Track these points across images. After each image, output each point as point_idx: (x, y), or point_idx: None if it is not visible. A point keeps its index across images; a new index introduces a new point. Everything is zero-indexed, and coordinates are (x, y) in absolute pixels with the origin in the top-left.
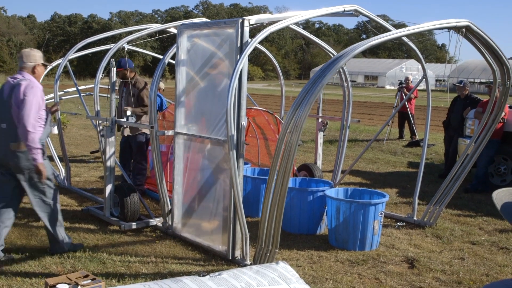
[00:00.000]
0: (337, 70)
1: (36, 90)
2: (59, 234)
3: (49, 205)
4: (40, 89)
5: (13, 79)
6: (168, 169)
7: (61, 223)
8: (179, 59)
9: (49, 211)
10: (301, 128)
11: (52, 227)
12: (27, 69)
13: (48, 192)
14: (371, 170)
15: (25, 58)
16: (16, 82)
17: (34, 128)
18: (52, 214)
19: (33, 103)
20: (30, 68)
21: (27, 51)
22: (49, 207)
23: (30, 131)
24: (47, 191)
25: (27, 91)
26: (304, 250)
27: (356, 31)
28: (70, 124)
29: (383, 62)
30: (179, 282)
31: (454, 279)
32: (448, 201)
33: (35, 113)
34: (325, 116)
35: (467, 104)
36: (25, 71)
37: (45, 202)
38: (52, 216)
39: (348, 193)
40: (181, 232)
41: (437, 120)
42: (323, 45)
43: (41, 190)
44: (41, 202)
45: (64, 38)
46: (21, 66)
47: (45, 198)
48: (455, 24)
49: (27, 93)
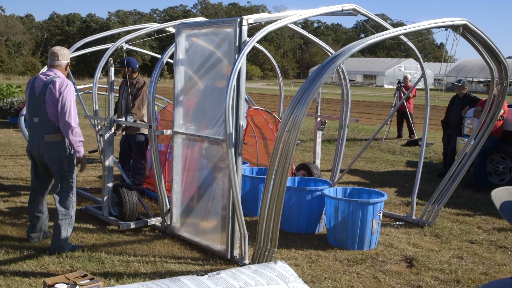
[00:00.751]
0: (334, 69)
1: (71, 87)
2: (65, 233)
3: (72, 202)
4: (72, 85)
5: (45, 76)
6: (166, 169)
7: (73, 223)
8: (177, 59)
9: (69, 207)
10: (299, 127)
11: (64, 224)
12: (60, 67)
13: (73, 188)
14: (369, 169)
15: (61, 57)
16: (49, 79)
17: (76, 123)
18: (70, 211)
19: (72, 99)
20: (64, 66)
21: (59, 49)
22: (71, 203)
23: (73, 126)
24: (74, 187)
25: (62, 89)
26: (302, 249)
27: (354, 30)
28: None
29: (382, 61)
30: (177, 281)
31: (453, 278)
32: (447, 200)
33: (74, 108)
34: (324, 115)
35: (466, 103)
36: (58, 68)
37: (69, 198)
38: (69, 214)
39: (347, 192)
40: (180, 232)
41: (435, 119)
42: (322, 44)
43: (69, 183)
44: (65, 196)
45: (63, 37)
46: (53, 64)
47: (70, 194)
48: (453, 22)
49: (63, 90)
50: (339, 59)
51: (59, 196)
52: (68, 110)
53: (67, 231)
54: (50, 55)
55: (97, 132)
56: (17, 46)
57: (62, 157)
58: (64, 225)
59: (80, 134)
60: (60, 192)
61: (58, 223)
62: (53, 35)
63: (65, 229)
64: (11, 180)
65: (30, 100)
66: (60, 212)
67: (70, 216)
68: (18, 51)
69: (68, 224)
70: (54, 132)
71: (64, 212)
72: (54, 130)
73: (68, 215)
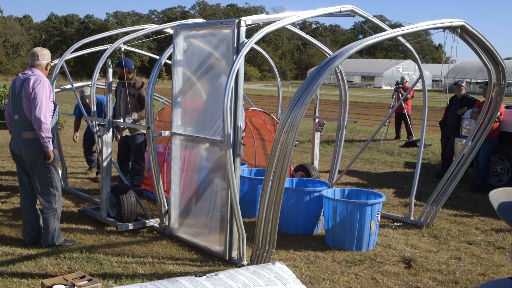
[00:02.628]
0: (332, 70)
1: (44, 84)
2: (52, 225)
3: (54, 196)
4: (48, 82)
5: (23, 74)
6: (165, 170)
7: (58, 216)
8: (175, 60)
9: (52, 201)
10: (297, 128)
11: (49, 217)
12: (40, 67)
13: (54, 181)
14: (368, 171)
15: (40, 57)
16: (26, 77)
17: (45, 119)
18: (53, 204)
19: (43, 95)
20: (44, 66)
21: (39, 50)
22: (53, 197)
23: (42, 121)
24: (54, 181)
25: (35, 85)
26: (301, 250)
27: (352, 32)
28: (66, 125)
29: (380, 63)
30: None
31: (451, 279)
32: (445, 201)
33: (45, 104)
34: (322, 117)
35: (464, 104)
36: (38, 68)
37: (51, 192)
38: (52, 207)
39: (345, 193)
40: (178, 233)
41: (433, 120)
42: (320, 46)
43: (49, 178)
44: (46, 190)
45: (61, 38)
46: (33, 63)
47: (51, 188)
48: (450, 24)
49: (36, 86)
50: (337, 60)
51: (40, 191)
52: (39, 105)
53: (54, 224)
54: (31, 55)
55: (95, 134)
56: (15, 47)
57: (38, 154)
58: (50, 219)
59: (49, 130)
60: (40, 187)
61: (44, 217)
62: (51, 36)
63: (51, 222)
64: (9, 181)
65: (11, 98)
66: (44, 206)
67: (54, 209)
68: (16, 52)
69: (54, 216)
70: (31, 129)
71: (47, 205)
72: (30, 127)
73: (51, 208)
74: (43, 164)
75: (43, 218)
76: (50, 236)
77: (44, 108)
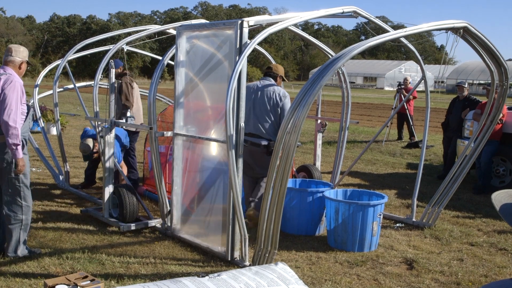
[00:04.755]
0: (335, 71)
1: (15, 84)
2: (16, 237)
3: (20, 206)
4: (20, 83)
5: None
6: (167, 170)
7: (25, 227)
8: (178, 60)
9: (18, 212)
10: (299, 129)
11: (14, 228)
12: (13, 64)
13: (23, 191)
14: (370, 171)
15: (14, 53)
16: None
17: (15, 123)
18: (19, 215)
19: (13, 97)
20: (17, 64)
21: (16, 46)
22: (20, 208)
23: (10, 126)
24: (22, 191)
25: (5, 86)
26: (303, 251)
27: (355, 33)
28: (69, 125)
29: (382, 64)
30: (178, 283)
31: (453, 280)
32: (447, 202)
33: (15, 107)
34: (324, 117)
35: (466, 106)
36: (10, 65)
37: (17, 202)
38: (17, 218)
39: (347, 194)
40: (180, 233)
41: (436, 121)
42: (322, 46)
43: (16, 188)
44: (12, 200)
45: (63, 39)
46: (5, 59)
47: (18, 198)
48: (453, 25)
49: (6, 87)
50: (339, 61)
51: (5, 200)
52: (7, 108)
53: (18, 235)
54: (6, 51)
55: (97, 134)
56: None
57: (6, 160)
58: (15, 230)
59: (17, 136)
60: (7, 196)
61: (8, 227)
62: (54, 37)
63: (16, 233)
64: None
65: None
66: (8, 216)
67: (20, 220)
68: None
69: (19, 228)
70: (0, 133)
71: (12, 216)
72: (0, 130)
73: (17, 219)
74: (11, 172)
75: (7, 228)
76: (13, 248)
77: (14, 112)
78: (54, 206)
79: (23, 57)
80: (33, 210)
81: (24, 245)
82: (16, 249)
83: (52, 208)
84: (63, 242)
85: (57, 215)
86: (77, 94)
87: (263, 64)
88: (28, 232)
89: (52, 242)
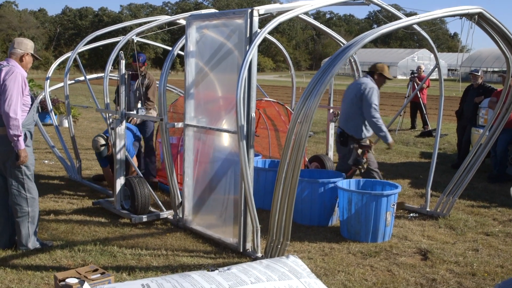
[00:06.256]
0: (347, 59)
1: (16, 76)
2: (25, 230)
3: (25, 198)
4: (22, 75)
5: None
6: (178, 162)
7: (33, 219)
8: (188, 51)
9: (23, 204)
10: (311, 119)
11: (22, 221)
12: (15, 56)
13: (26, 183)
14: (383, 161)
15: (16, 45)
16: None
17: (15, 114)
18: (25, 208)
19: (14, 89)
20: (19, 56)
21: (19, 39)
22: (25, 200)
23: (11, 117)
24: (26, 182)
25: (7, 77)
26: (315, 242)
27: (367, 21)
28: (81, 117)
29: (395, 52)
30: (187, 277)
31: (468, 270)
32: (462, 192)
33: (16, 98)
34: (337, 107)
35: (481, 93)
36: (13, 57)
37: (21, 195)
38: (23, 210)
39: (360, 184)
40: (192, 225)
41: (449, 110)
42: (334, 35)
43: (20, 180)
44: (17, 192)
45: (75, 31)
46: (9, 52)
47: (22, 190)
48: (467, 11)
49: (7, 78)
50: (351, 49)
51: (12, 194)
52: (8, 99)
53: (27, 228)
54: (10, 44)
55: (108, 126)
56: None
57: (9, 152)
58: (23, 223)
59: (18, 127)
60: (12, 189)
61: (16, 220)
62: (66, 29)
63: (24, 226)
64: None
65: None
66: (14, 210)
67: (27, 212)
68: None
69: (26, 220)
70: (2, 125)
71: (19, 209)
72: (2, 122)
73: (23, 211)
74: (14, 164)
75: (16, 222)
76: (23, 240)
77: (15, 103)
78: (66, 198)
79: (26, 49)
80: (45, 202)
81: (35, 237)
82: (27, 242)
83: (64, 200)
84: (75, 235)
85: (69, 207)
86: (88, 86)
87: (275, 54)
88: (37, 224)
89: (64, 235)
